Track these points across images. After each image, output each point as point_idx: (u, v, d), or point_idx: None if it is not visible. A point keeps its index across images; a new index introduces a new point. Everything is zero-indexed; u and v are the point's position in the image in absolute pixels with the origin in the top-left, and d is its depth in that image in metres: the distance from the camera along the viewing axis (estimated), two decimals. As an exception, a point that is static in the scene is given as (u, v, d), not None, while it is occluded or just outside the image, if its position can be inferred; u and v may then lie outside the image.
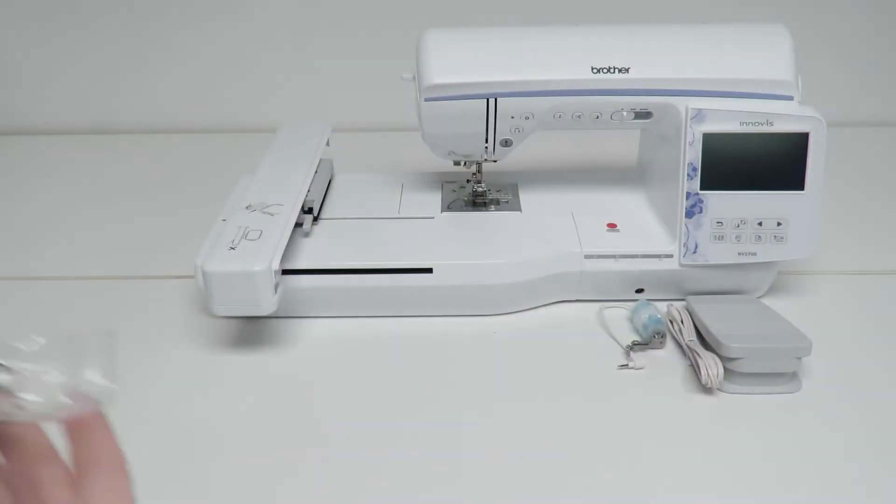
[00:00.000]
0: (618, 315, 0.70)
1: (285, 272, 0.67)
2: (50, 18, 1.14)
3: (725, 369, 0.60)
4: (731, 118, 0.66)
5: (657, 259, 0.69)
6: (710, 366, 0.59)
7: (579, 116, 0.70)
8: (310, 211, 0.73)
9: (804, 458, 0.54)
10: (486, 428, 0.58)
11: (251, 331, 0.69)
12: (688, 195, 0.67)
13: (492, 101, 0.68)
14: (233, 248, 0.62)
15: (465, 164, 0.76)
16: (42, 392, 0.31)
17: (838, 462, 0.54)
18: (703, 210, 0.68)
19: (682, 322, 0.66)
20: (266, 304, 0.62)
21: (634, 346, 0.65)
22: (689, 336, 0.64)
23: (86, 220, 0.92)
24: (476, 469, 0.54)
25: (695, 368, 0.61)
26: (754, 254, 0.68)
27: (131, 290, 0.76)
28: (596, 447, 0.56)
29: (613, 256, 0.70)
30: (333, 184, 0.83)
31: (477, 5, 1.10)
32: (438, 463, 0.54)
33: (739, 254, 0.68)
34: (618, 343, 0.66)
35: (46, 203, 0.97)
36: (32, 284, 0.78)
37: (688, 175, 0.67)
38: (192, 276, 0.70)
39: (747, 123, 0.66)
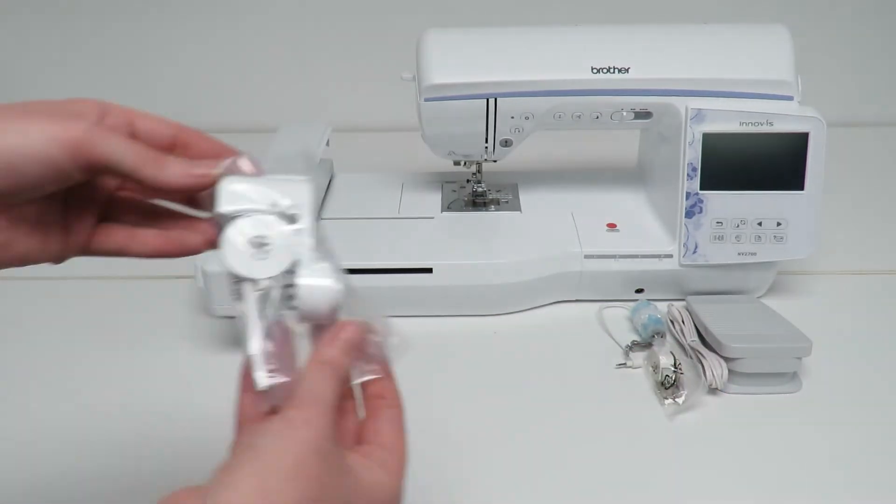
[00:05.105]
0: (618, 315, 0.70)
1: (285, 272, 0.67)
2: (50, 19, 1.14)
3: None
4: (731, 118, 0.66)
5: (657, 259, 0.69)
6: (715, 367, 0.59)
7: (579, 116, 0.70)
8: (310, 211, 0.73)
9: (804, 458, 0.54)
10: (485, 427, 0.58)
11: (251, 331, 0.69)
12: (687, 195, 0.67)
13: (492, 101, 0.68)
14: (233, 248, 0.62)
15: (465, 164, 0.77)
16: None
17: (838, 462, 0.54)
18: (703, 210, 0.68)
19: (682, 322, 0.66)
20: (266, 304, 0.62)
21: (634, 346, 0.65)
22: (690, 336, 0.64)
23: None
24: (475, 468, 0.54)
25: (698, 369, 0.61)
26: (754, 254, 0.68)
27: (131, 290, 0.76)
28: (596, 446, 0.56)
29: (613, 256, 0.70)
30: (333, 184, 0.83)
31: (477, 5, 1.10)
32: (437, 462, 0.54)
33: (739, 254, 0.68)
34: (617, 343, 0.66)
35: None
36: (32, 284, 0.77)
37: (687, 175, 0.67)
38: (192, 276, 0.70)
39: (747, 123, 0.66)
